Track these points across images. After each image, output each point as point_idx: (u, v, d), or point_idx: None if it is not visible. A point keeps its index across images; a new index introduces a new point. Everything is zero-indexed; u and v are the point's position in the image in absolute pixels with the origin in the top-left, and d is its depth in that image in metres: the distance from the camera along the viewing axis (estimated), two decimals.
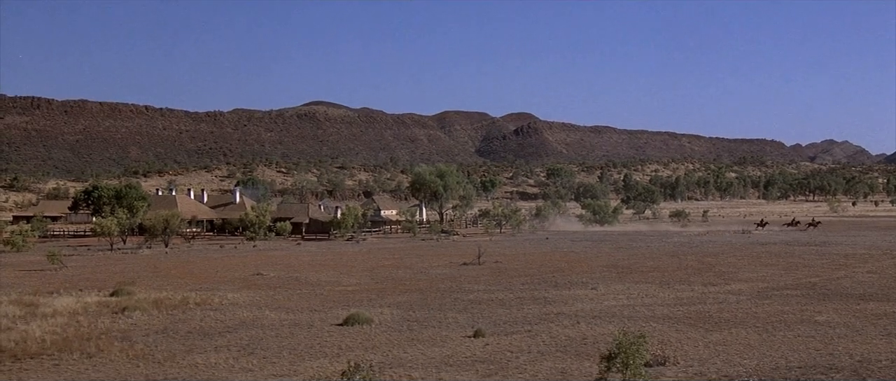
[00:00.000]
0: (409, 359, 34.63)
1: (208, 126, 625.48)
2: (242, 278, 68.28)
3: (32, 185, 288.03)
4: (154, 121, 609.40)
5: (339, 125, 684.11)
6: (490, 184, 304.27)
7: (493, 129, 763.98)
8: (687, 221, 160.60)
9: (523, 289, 58.24)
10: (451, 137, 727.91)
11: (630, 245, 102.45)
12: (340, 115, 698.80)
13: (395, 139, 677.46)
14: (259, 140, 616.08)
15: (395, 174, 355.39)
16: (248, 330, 42.27)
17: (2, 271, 76.52)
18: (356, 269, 76.15)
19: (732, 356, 33.71)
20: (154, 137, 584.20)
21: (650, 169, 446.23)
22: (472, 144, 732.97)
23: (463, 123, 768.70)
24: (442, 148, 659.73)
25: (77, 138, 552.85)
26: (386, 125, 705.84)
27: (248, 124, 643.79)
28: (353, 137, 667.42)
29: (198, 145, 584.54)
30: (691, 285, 59.31)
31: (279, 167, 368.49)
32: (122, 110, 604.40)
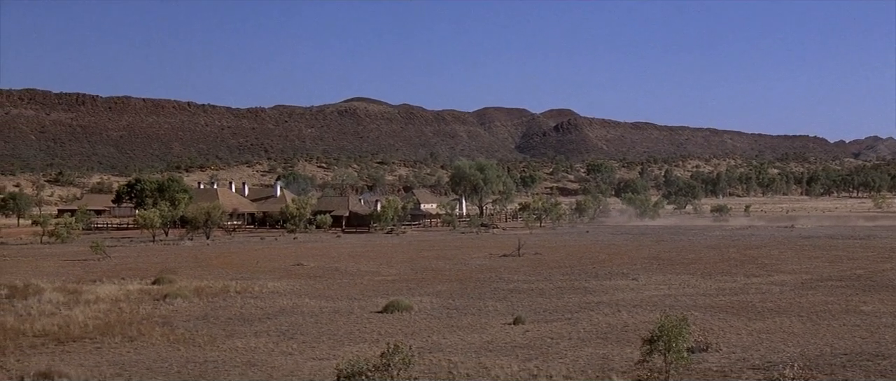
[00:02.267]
0: (448, 345, 34.51)
1: (250, 122, 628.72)
2: (283, 268, 68.54)
3: (77, 179, 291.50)
4: (196, 117, 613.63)
5: (379, 122, 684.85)
6: (530, 179, 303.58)
7: (533, 125, 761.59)
8: (728, 215, 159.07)
9: (563, 279, 57.92)
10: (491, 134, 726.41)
11: (671, 238, 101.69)
12: (381, 111, 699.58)
13: (435, 136, 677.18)
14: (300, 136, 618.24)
15: (435, 170, 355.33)
16: (288, 317, 42.36)
17: (46, 261, 77.37)
18: (396, 260, 76.20)
19: (776, 344, 33.26)
20: (196, 134, 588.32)
21: (691, 165, 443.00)
22: (512, 141, 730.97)
23: (503, 119, 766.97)
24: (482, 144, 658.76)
25: (121, 134, 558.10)
26: (426, 122, 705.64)
27: (289, 121, 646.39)
28: (393, 133, 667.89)
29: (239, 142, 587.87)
30: (733, 276, 58.69)
31: (320, 162, 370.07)
32: (165, 107, 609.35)
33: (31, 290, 51.40)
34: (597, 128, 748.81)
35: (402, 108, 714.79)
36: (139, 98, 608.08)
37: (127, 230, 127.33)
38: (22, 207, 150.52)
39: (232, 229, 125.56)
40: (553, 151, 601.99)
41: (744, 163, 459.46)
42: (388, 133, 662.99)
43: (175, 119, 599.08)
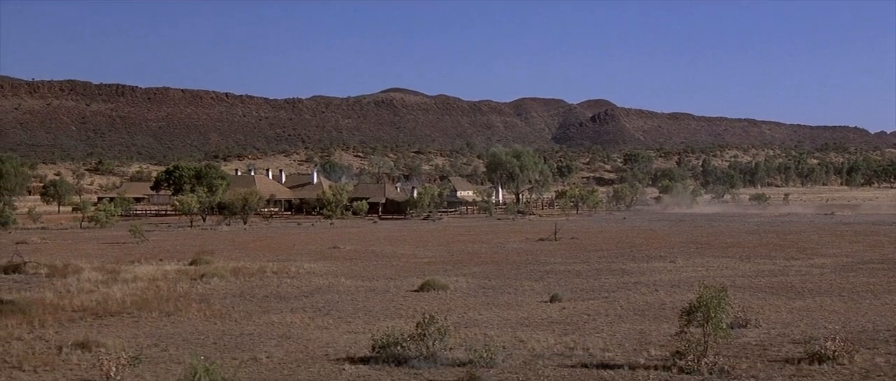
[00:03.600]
0: (484, 320, 34.40)
1: (287, 113, 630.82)
2: (319, 251, 68.74)
3: (117, 168, 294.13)
4: (234, 108, 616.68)
5: (415, 112, 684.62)
6: (566, 169, 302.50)
7: (570, 116, 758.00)
8: (767, 204, 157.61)
9: (600, 262, 57.63)
10: (528, 124, 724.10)
11: (709, 224, 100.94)
12: (417, 102, 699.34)
13: (471, 126, 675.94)
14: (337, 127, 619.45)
15: (472, 159, 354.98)
16: (324, 295, 42.43)
17: (86, 244, 78.04)
18: (432, 243, 76.17)
19: (817, 320, 32.85)
20: (234, 124, 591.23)
21: (729, 155, 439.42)
22: (549, 131, 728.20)
23: (539, 109, 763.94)
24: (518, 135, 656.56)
25: (159, 125, 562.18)
26: (462, 112, 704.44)
27: (326, 111, 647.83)
28: (429, 123, 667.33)
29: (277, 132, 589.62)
30: (773, 259, 58.11)
31: (356, 152, 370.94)
32: (203, 98, 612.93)
33: (70, 269, 51.87)
34: (634, 118, 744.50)
35: (439, 98, 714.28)
36: (178, 89, 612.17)
37: (165, 217, 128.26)
38: (62, 193, 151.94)
39: (269, 215, 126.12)
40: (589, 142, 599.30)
41: (783, 153, 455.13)
42: (424, 124, 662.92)
43: (213, 110, 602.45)
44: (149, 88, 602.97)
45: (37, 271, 51.67)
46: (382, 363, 26.22)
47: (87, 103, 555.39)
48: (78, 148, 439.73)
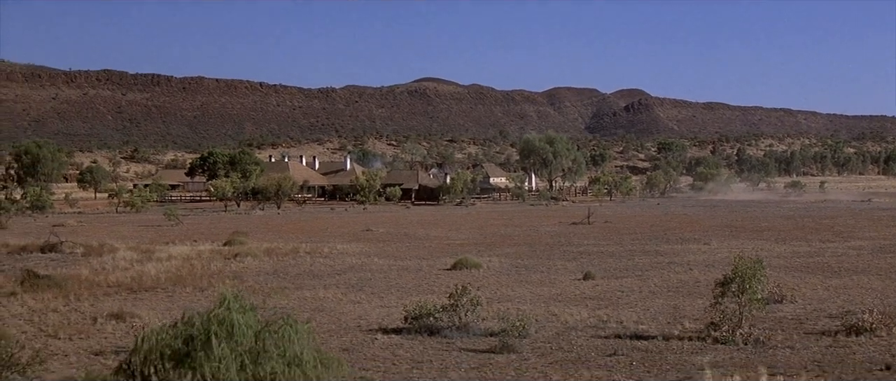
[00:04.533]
0: (517, 296, 34.37)
1: (321, 103, 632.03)
2: (352, 233, 68.94)
3: (152, 156, 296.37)
4: (268, 97, 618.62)
5: (448, 102, 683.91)
6: (600, 158, 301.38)
7: (604, 105, 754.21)
8: (803, 191, 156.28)
9: (634, 244, 57.39)
10: (561, 114, 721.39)
11: (743, 210, 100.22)
12: (450, 91, 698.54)
13: (504, 116, 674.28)
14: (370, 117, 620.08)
15: (505, 148, 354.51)
16: (357, 273, 42.56)
17: (121, 227, 78.75)
18: (465, 227, 76.21)
19: (853, 297, 32.57)
20: (268, 114, 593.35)
21: (764, 144, 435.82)
22: (582, 121, 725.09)
23: (573, 99, 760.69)
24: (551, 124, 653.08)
25: (194, 114, 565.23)
26: (495, 102, 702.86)
27: (360, 101, 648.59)
28: (462, 113, 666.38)
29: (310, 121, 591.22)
30: (809, 241, 57.61)
31: (389, 140, 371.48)
32: (238, 87, 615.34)
33: (105, 249, 52.41)
34: (668, 108, 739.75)
35: (472, 88, 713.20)
36: (212, 79, 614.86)
37: (199, 202, 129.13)
38: (98, 180, 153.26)
39: (302, 201, 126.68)
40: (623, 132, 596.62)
41: (818, 142, 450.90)
42: (457, 113, 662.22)
43: (247, 99, 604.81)
44: (184, 78, 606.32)
45: (73, 251, 52.22)
46: (415, 334, 26.26)
47: (123, 93, 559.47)
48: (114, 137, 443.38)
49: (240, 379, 9.30)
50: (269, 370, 9.46)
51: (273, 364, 9.49)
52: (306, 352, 10.01)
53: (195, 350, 9.37)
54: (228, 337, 9.52)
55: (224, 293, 10.26)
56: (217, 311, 9.94)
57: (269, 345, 9.78)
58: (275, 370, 9.44)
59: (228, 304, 9.95)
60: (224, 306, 9.96)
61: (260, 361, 9.55)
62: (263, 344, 9.78)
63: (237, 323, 9.58)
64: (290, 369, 9.50)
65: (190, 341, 9.62)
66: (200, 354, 9.29)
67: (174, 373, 9.36)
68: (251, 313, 9.92)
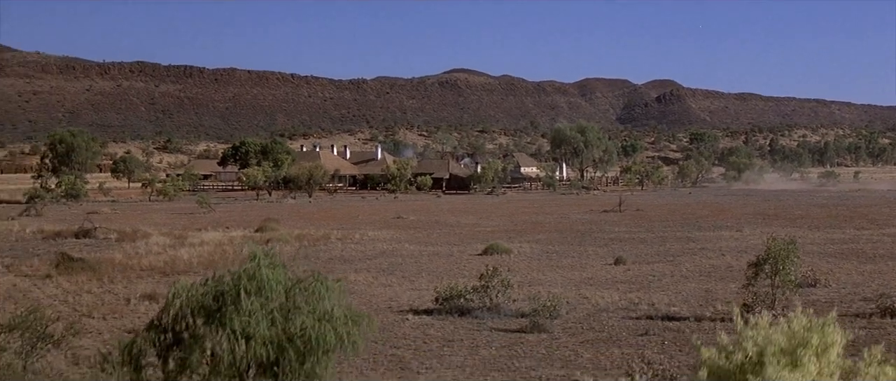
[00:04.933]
0: (548, 280, 34.32)
1: (352, 94, 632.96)
2: (383, 221, 69.03)
3: (185, 147, 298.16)
4: (299, 89, 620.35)
5: (479, 93, 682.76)
6: (631, 148, 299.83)
7: (635, 96, 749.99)
8: (837, 181, 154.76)
9: (665, 231, 57.13)
10: (592, 105, 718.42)
11: (776, 199, 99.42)
12: (481, 82, 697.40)
13: (535, 107, 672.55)
14: (401, 108, 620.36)
15: (536, 138, 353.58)
16: (388, 258, 42.66)
17: (154, 215, 79.24)
18: (495, 214, 76.10)
19: (888, 281, 32.30)
20: (299, 105, 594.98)
21: (798, 135, 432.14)
22: (614, 112, 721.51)
23: (604, 90, 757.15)
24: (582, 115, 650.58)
25: (226, 105, 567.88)
26: (526, 93, 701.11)
27: (391, 92, 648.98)
28: (493, 104, 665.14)
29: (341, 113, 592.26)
30: (842, 229, 57.12)
31: (420, 131, 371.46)
32: (269, 79, 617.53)
33: (139, 235, 52.83)
34: (700, 99, 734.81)
35: (503, 79, 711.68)
36: (244, 70, 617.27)
37: (231, 191, 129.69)
38: (132, 169, 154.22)
39: (333, 190, 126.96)
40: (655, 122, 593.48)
41: (853, 133, 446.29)
42: (488, 104, 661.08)
43: (279, 91, 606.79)
44: (216, 70, 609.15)
45: (107, 237, 52.63)
46: (445, 315, 26.31)
47: (156, 85, 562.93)
48: (147, 128, 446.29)
49: (270, 334, 9.34)
50: (299, 324, 9.49)
51: (303, 319, 9.52)
52: (337, 308, 10.04)
53: (225, 306, 9.41)
54: (258, 293, 9.55)
55: (254, 250, 10.30)
56: (247, 266, 9.98)
57: (300, 301, 9.81)
58: (305, 324, 9.47)
59: (259, 260, 9.98)
60: (254, 262, 10.00)
61: (290, 316, 9.59)
62: (294, 301, 9.81)
63: (267, 278, 9.61)
64: (320, 324, 9.52)
65: (220, 297, 9.67)
66: (230, 308, 9.33)
67: (205, 329, 9.41)
68: (281, 270, 9.96)
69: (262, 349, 9.22)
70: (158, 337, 9.82)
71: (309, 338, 9.35)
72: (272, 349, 9.30)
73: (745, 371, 6.28)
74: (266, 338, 9.24)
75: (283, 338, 9.35)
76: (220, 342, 9.19)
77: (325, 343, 9.39)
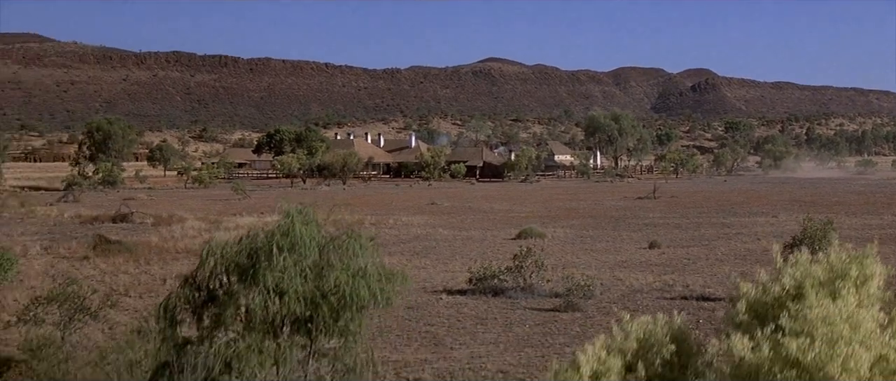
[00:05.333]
0: (582, 263, 34.23)
1: (386, 83, 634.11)
2: (417, 207, 69.11)
3: (220, 136, 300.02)
4: (334, 78, 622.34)
5: (513, 82, 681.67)
6: (666, 137, 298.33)
7: (670, 85, 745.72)
8: (875, 169, 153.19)
9: (700, 216, 56.83)
10: (627, 94, 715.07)
11: (813, 186, 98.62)
12: (515, 71, 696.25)
13: (569, 96, 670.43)
14: (435, 97, 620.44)
15: (570, 127, 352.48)
16: (422, 242, 42.74)
17: (190, 201, 79.77)
18: (529, 201, 76.01)
19: None
20: (334, 94, 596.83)
21: (835, 123, 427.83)
22: (648, 101, 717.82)
23: (638, 79, 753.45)
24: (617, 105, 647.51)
25: (261, 95, 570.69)
26: (560, 82, 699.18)
27: (425, 81, 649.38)
28: (527, 94, 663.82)
29: (375, 102, 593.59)
30: (880, 215, 56.63)
31: (454, 120, 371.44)
32: (304, 68, 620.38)
33: (174, 219, 53.25)
34: (736, 87, 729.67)
35: (537, 68, 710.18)
36: (279, 60, 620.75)
37: (266, 179, 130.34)
38: (168, 157, 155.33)
39: (367, 178, 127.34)
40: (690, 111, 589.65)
41: (891, 122, 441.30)
42: (522, 94, 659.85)
43: (313, 80, 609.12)
44: (251, 59, 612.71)
45: (143, 221, 53.09)
46: (479, 295, 26.36)
47: (192, 74, 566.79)
48: (183, 118, 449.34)
49: (304, 290, 9.40)
50: (332, 280, 9.54)
51: (337, 275, 9.56)
52: (371, 266, 10.10)
53: (259, 263, 9.47)
54: (292, 249, 9.61)
55: (288, 208, 10.37)
56: (281, 223, 10.06)
57: (333, 259, 9.86)
58: (339, 280, 9.51)
59: (292, 217, 10.05)
60: (288, 218, 10.06)
61: (324, 273, 9.64)
62: (328, 258, 9.86)
63: (300, 234, 9.66)
64: (354, 280, 9.57)
65: (254, 255, 9.74)
66: (264, 265, 9.39)
67: (239, 286, 9.49)
68: (314, 226, 10.01)
69: (295, 304, 9.28)
70: (193, 295, 9.92)
71: (343, 294, 9.40)
72: (306, 305, 9.36)
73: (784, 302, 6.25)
74: (300, 294, 9.30)
75: (317, 294, 9.41)
76: (254, 299, 9.26)
77: (358, 299, 9.44)
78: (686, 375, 6.44)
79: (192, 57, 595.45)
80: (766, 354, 5.85)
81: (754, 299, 6.46)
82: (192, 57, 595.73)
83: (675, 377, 6.44)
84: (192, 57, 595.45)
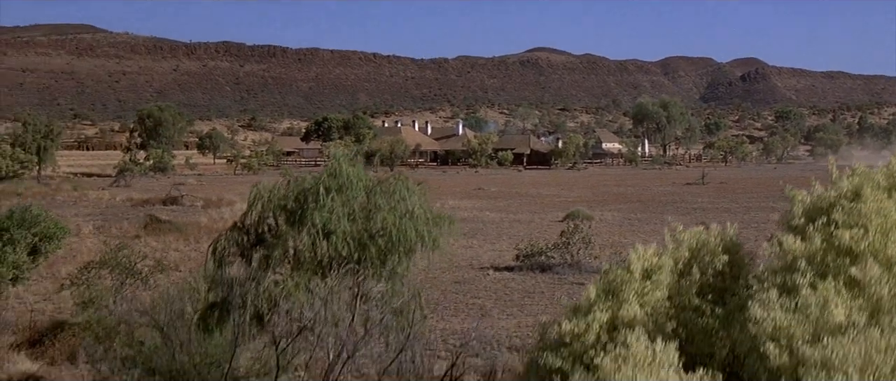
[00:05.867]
0: (628, 243, 33.91)
1: (433, 73, 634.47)
2: (464, 192, 69.19)
3: (268, 125, 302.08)
4: (381, 68, 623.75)
5: (560, 72, 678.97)
6: (715, 126, 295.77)
7: (719, 75, 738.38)
8: None
9: (750, 201, 56.41)
10: (675, 84, 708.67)
11: None
12: (563, 61, 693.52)
13: (617, 86, 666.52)
14: (482, 87, 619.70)
15: (617, 116, 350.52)
16: (469, 224, 42.72)
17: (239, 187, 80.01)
18: (577, 186, 75.87)
19: None
20: (381, 84, 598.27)
21: (888, 113, 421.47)
22: (697, 91, 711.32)
23: (687, 69, 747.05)
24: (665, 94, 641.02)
25: (310, 85, 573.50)
26: (608, 72, 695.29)
27: (472, 71, 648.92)
28: (574, 83, 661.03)
29: (423, 92, 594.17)
30: None
31: (501, 109, 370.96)
32: (352, 58, 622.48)
33: (224, 202, 53.74)
34: (786, 77, 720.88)
35: (585, 58, 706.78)
36: (327, 50, 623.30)
37: (314, 167, 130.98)
38: (217, 145, 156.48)
39: (414, 165, 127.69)
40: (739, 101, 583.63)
41: None
42: (569, 83, 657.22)
43: (361, 70, 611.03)
44: (299, 49, 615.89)
45: (193, 204, 53.69)
46: (526, 271, 26.36)
47: (241, 64, 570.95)
48: (232, 108, 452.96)
49: (351, 230, 9.46)
50: (379, 221, 9.58)
51: (384, 216, 9.61)
52: (418, 208, 10.14)
53: (307, 205, 9.54)
54: (339, 191, 9.66)
55: (335, 151, 10.45)
56: (329, 164, 10.12)
57: (381, 201, 9.90)
58: (386, 221, 9.56)
59: (339, 158, 10.10)
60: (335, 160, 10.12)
61: (371, 215, 9.69)
62: (375, 200, 9.91)
63: (348, 175, 9.72)
64: (401, 221, 9.61)
65: (302, 197, 9.81)
66: (311, 206, 9.46)
67: (287, 228, 9.57)
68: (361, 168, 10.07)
69: (343, 245, 9.34)
70: (241, 237, 10.02)
71: (390, 235, 9.45)
72: (353, 246, 9.41)
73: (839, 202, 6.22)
74: (347, 234, 9.36)
75: (365, 236, 9.47)
76: (302, 239, 9.33)
77: (406, 241, 9.48)
78: (738, 285, 6.43)
79: (241, 47, 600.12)
80: (817, 245, 5.83)
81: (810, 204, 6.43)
82: (242, 47, 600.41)
83: (727, 286, 6.44)
84: (241, 47, 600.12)
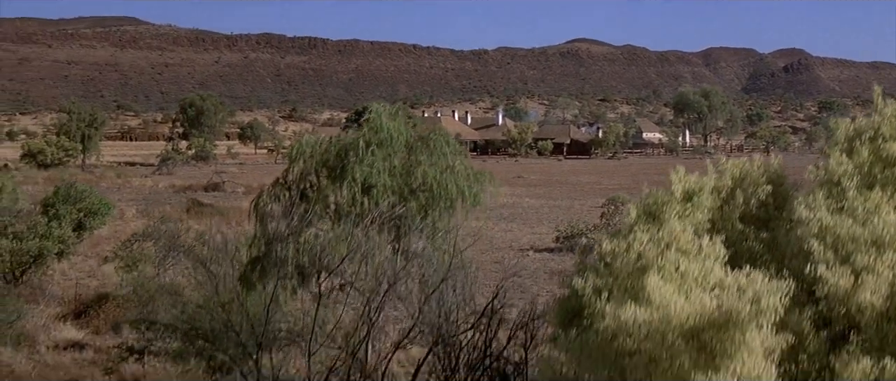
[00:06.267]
0: None
1: (473, 64, 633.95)
2: (504, 179, 68.77)
3: (309, 116, 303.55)
4: (421, 59, 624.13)
5: (601, 63, 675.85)
6: (757, 117, 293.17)
7: (761, 65, 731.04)
8: None
9: None
10: (716, 75, 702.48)
11: None
12: (603, 52, 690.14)
13: (658, 77, 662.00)
14: (522, 78, 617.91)
15: (658, 107, 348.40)
16: (509, 209, 42.84)
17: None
18: (617, 175, 75.56)
19: None
20: (421, 75, 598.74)
21: None
22: (739, 82, 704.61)
23: (729, 59, 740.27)
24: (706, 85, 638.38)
25: (350, 77, 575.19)
26: (649, 63, 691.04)
27: (512, 62, 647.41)
28: (615, 74, 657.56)
29: (462, 83, 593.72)
30: None
31: (541, 100, 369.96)
32: (392, 50, 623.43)
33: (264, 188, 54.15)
34: (830, 68, 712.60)
35: (625, 49, 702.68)
36: (367, 41, 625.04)
37: None
38: (258, 135, 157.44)
39: None
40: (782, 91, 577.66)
41: None
42: (610, 75, 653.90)
43: (401, 61, 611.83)
44: (339, 41, 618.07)
45: (234, 190, 54.16)
46: (566, 252, 26.33)
47: (282, 56, 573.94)
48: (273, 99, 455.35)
49: (392, 184, 9.51)
50: (420, 175, 9.62)
51: (424, 170, 9.65)
52: (459, 164, 10.18)
53: (348, 161, 9.59)
54: (380, 145, 9.71)
55: (375, 106, 10.50)
56: (369, 118, 10.18)
57: (422, 157, 9.94)
58: (427, 175, 9.60)
59: (378, 112, 10.16)
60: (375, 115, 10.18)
61: (412, 171, 9.74)
62: (416, 156, 9.95)
63: (388, 129, 9.77)
64: (442, 176, 9.64)
65: (343, 153, 9.88)
66: (353, 160, 9.51)
67: (328, 183, 9.63)
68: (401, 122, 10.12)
69: (383, 198, 9.40)
70: (283, 193, 10.11)
71: (431, 189, 9.49)
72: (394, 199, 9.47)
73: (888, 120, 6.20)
74: (388, 187, 9.42)
75: (405, 190, 9.52)
76: (342, 194, 9.39)
77: (447, 195, 9.52)
78: (781, 217, 6.40)
79: (281, 39, 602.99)
80: (864, 157, 5.83)
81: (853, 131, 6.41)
82: (282, 39, 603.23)
83: (771, 216, 6.42)
84: (281, 39, 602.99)
